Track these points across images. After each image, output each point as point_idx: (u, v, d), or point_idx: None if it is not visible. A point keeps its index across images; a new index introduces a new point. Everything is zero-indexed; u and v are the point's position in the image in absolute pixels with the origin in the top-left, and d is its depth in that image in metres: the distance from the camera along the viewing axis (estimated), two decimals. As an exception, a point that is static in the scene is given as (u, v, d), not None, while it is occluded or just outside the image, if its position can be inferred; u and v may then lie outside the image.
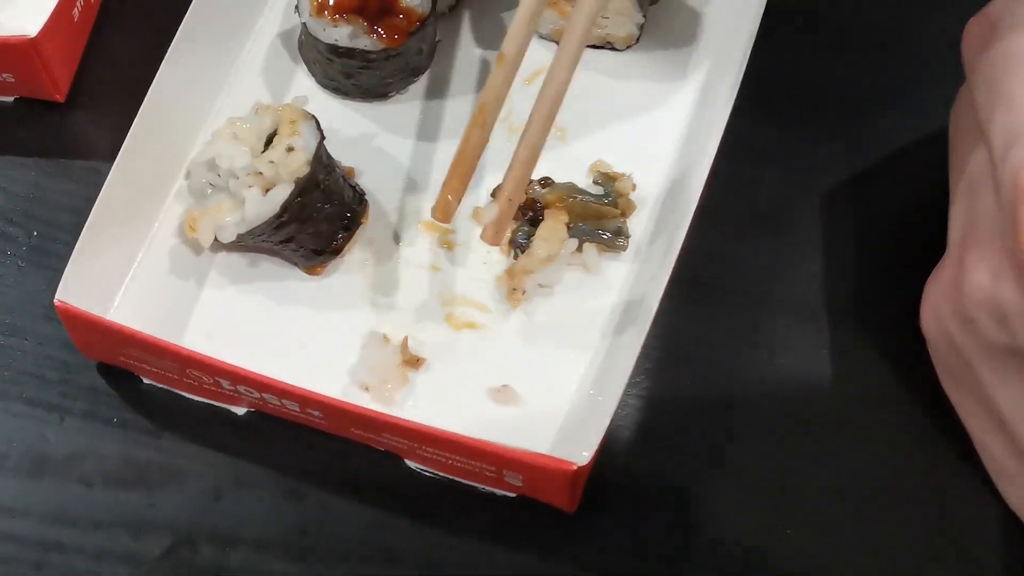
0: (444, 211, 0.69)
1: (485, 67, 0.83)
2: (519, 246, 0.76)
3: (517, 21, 0.70)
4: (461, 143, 0.69)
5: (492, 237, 0.70)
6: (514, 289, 0.74)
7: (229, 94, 0.81)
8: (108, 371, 0.74)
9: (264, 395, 0.69)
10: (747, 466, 0.72)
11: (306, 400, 0.67)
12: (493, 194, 0.71)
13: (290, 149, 0.72)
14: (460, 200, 0.69)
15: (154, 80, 0.76)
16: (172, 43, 0.77)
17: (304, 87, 0.81)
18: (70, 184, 0.80)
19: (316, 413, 0.69)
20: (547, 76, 0.70)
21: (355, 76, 0.79)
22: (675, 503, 0.70)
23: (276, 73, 0.82)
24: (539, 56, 0.77)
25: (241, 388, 0.70)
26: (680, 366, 0.74)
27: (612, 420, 0.65)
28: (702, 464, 0.71)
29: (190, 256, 0.76)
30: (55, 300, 0.68)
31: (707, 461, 0.72)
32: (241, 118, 0.75)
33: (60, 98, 0.81)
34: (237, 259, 0.76)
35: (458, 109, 0.82)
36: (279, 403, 0.69)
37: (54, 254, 0.76)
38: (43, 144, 0.81)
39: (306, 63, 0.82)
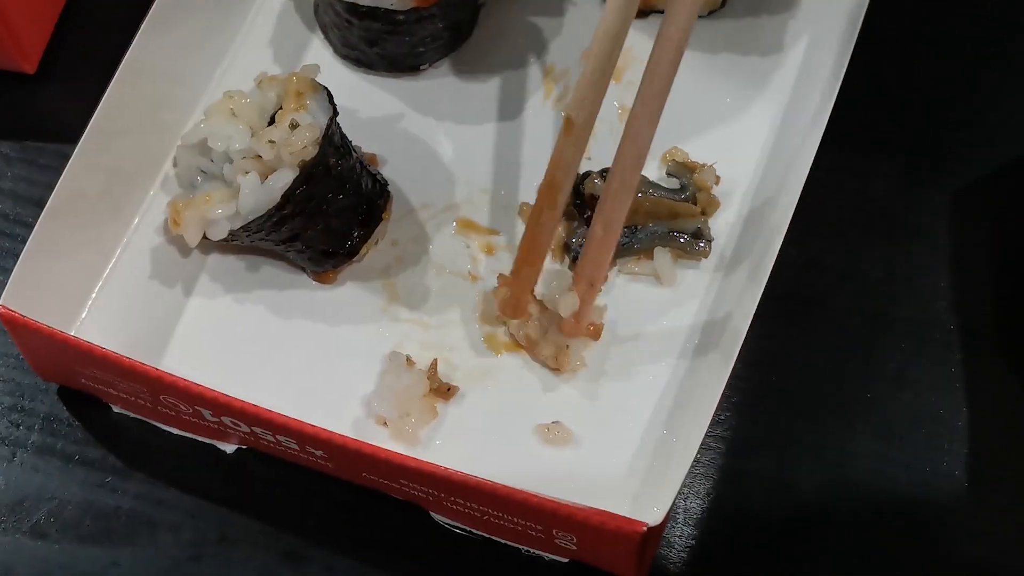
0: (516, 308, 0.65)
1: (538, 37, 0.76)
2: (575, 253, 0.69)
3: (585, 78, 0.62)
4: (528, 227, 0.65)
5: (573, 329, 0.65)
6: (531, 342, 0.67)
7: (230, 65, 0.75)
8: (70, 396, 0.67)
9: (255, 429, 0.62)
10: (862, 533, 0.64)
11: (306, 437, 0.60)
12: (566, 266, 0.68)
13: (294, 126, 0.65)
14: (532, 292, 0.65)
15: (132, 45, 0.68)
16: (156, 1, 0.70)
17: (320, 57, 0.75)
18: (38, 171, 0.73)
19: (319, 453, 0.62)
20: (624, 134, 0.62)
21: (380, 43, 0.73)
22: None
23: (287, 41, 0.76)
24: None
25: (227, 420, 0.62)
26: (774, 402, 0.67)
27: (689, 468, 0.59)
28: (800, 527, 0.64)
29: (175, 257, 0.70)
30: (-2, 306, 0.63)
31: (806, 524, 0.64)
32: (240, 91, 0.67)
33: (30, 69, 0.76)
34: (232, 262, 0.70)
35: (504, 86, 0.74)
36: (274, 439, 0.62)
37: (12, 254, 0.69)
38: (8, 123, 0.75)
39: (322, 28, 0.76)
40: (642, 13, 0.74)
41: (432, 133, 0.72)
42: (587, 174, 0.69)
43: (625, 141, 0.62)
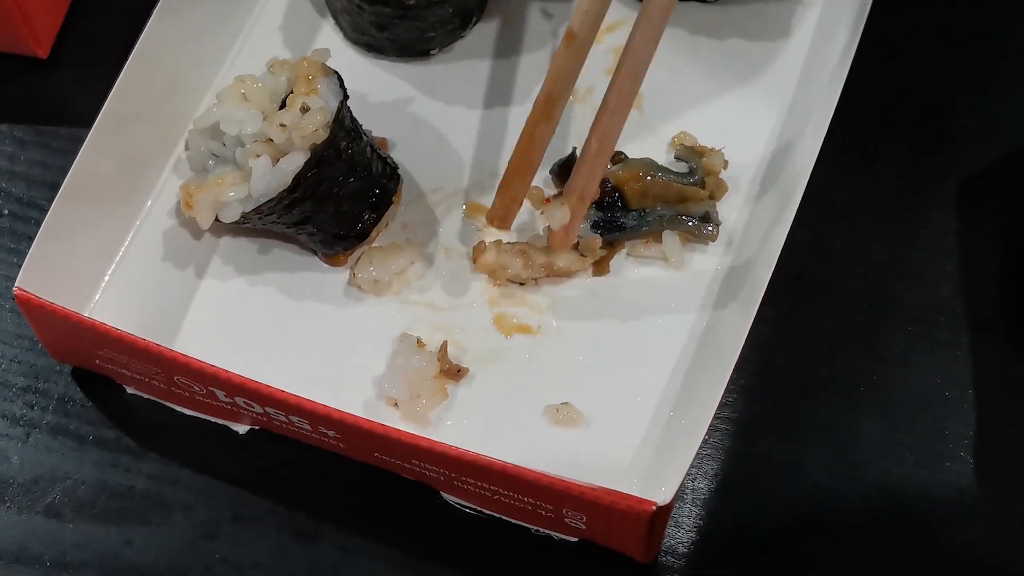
0: (504, 218, 0.65)
1: (547, 21, 0.76)
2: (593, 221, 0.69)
3: None
4: (522, 137, 0.64)
5: (562, 242, 0.65)
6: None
7: (242, 50, 0.75)
8: (84, 377, 0.67)
9: (268, 409, 0.62)
10: (868, 514, 0.64)
11: (319, 417, 0.61)
12: (560, 192, 0.67)
13: (305, 109, 0.64)
14: (521, 204, 0.65)
15: (144, 30, 0.68)
16: (169, -15, 0.70)
17: (331, 42, 0.75)
18: (51, 155, 0.73)
19: (332, 433, 0.62)
20: (624, 50, 0.62)
21: (390, 28, 0.73)
22: (773, 559, 0.63)
23: (298, 25, 0.76)
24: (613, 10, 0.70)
25: (240, 400, 0.62)
26: (782, 384, 0.67)
27: (698, 450, 0.58)
28: (807, 509, 0.64)
29: (188, 240, 0.70)
30: (14, 288, 0.62)
31: (813, 506, 0.64)
32: (252, 76, 0.67)
33: (43, 54, 0.76)
34: (244, 244, 0.70)
35: (513, 71, 0.74)
36: (286, 420, 0.63)
37: (27, 236, 0.69)
38: (21, 108, 0.75)
39: (333, 14, 0.76)
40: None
41: (442, 117, 0.72)
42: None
43: (625, 57, 0.62)
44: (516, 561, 0.63)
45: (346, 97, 0.65)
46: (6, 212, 0.71)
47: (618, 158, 0.69)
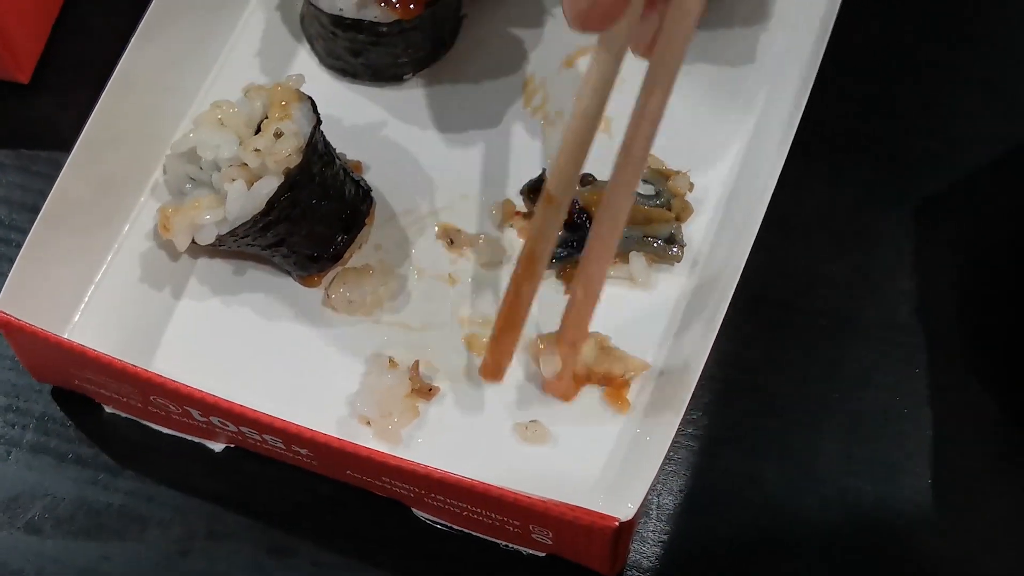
0: (495, 373, 0.64)
1: (518, 48, 0.77)
2: (555, 257, 0.69)
3: (563, 153, 0.59)
4: (509, 297, 0.63)
5: (556, 388, 0.66)
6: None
7: (219, 76, 0.75)
8: (64, 397, 0.68)
9: (242, 428, 0.63)
10: (828, 529, 0.64)
11: (291, 436, 0.61)
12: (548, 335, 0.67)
13: (278, 134, 0.65)
14: (511, 358, 0.64)
15: (123, 56, 0.69)
16: (147, 12, 0.70)
17: (306, 67, 0.75)
18: (31, 178, 0.74)
19: (304, 452, 0.63)
20: (602, 203, 0.61)
21: (364, 54, 0.73)
22: (735, 574, 0.64)
23: (274, 51, 0.76)
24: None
25: (215, 420, 0.63)
26: (745, 401, 0.67)
27: (662, 466, 0.59)
28: (768, 523, 0.64)
29: (165, 262, 0.70)
30: (-5, 311, 0.63)
31: (774, 520, 0.65)
32: (228, 101, 0.68)
33: (24, 79, 0.76)
34: (220, 266, 0.70)
35: (485, 95, 0.75)
36: (260, 439, 0.63)
37: (7, 259, 0.68)
38: (2, 132, 0.75)
39: (308, 40, 0.76)
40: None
41: (415, 141, 0.73)
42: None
43: (603, 212, 0.61)
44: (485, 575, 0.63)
45: (319, 122, 0.66)
46: (-13, 235, 0.72)
47: (586, 180, 0.70)
